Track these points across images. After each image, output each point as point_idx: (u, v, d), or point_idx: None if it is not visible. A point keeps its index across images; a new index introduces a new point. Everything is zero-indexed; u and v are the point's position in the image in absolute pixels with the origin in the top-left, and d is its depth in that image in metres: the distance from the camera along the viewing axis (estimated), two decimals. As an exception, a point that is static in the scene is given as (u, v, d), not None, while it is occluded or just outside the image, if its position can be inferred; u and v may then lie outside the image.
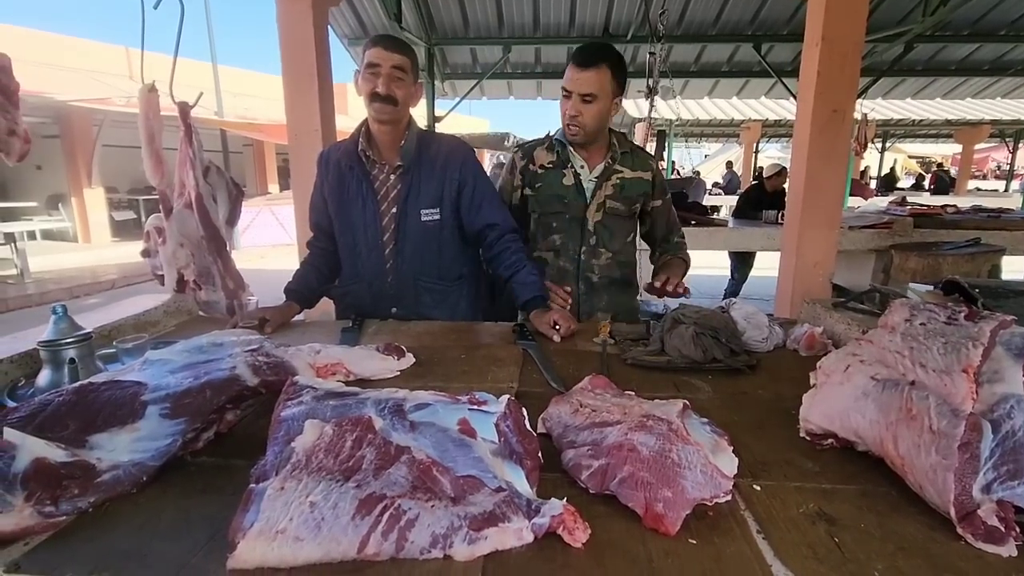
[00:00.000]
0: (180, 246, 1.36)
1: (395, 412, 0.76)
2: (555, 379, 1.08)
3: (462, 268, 1.61)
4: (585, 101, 1.52)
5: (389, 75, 1.38)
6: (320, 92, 2.74)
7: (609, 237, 1.68)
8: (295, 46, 2.69)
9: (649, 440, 0.73)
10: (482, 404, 0.82)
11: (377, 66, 1.38)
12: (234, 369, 0.89)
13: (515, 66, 6.03)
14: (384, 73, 1.38)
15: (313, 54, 2.67)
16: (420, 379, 1.09)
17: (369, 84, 1.39)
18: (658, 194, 1.71)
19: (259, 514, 0.58)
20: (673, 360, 1.16)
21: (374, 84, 1.38)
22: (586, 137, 1.58)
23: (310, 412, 0.73)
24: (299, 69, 2.72)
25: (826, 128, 2.62)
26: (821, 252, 2.77)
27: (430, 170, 1.50)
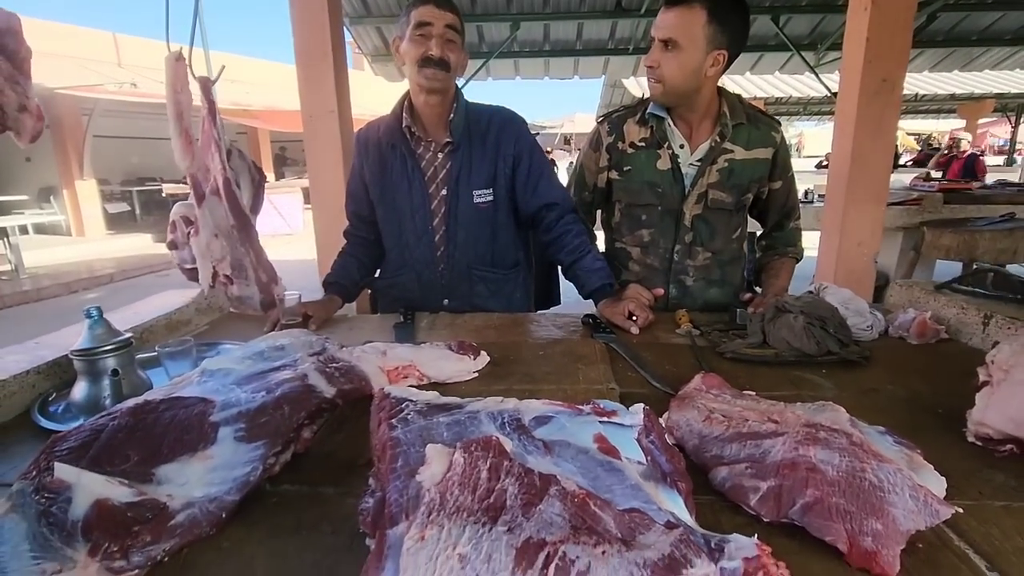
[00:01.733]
0: (215, 237, 1.22)
1: (518, 429, 0.64)
2: (656, 378, 0.96)
3: (517, 254, 1.48)
4: (666, 48, 1.22)
5: (442, 35, 1.22)
6: (335, 69, 2.56)
7: (709, 235, 1.38)
8: (308, 20, 2.51)
9: (831, 457, 0.61)
10: (611, 415, 0.69)
11: (428, 25, 1.22)
12: (306, 378, 0.76)
13: (522, 44, 5.81)
14: (437, 34, 1.22)
15: (327, 28, 2.49)
16: (502, 381, 0.97)
17: (419, 47, 1.23)
18: (779, 174, 1.38)
19: (399, 572, 0.45)
20: (781, 353, 1.04)
21: (426, 47, 1.22)
22: (667, 97, 1.27)
23: (423, 432, 0.61)
24: (312, 45, 2.54)
25: (875, 99, 2.47)
26: (867, 231, 2.64)
27: (481, 146, 1.35)
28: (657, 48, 1.24)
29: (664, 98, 1.29)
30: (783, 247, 1.46)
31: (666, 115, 1.33)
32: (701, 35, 1.21)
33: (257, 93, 11.07)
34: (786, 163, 1.39)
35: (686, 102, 1.29)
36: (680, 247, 1.40)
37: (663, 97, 1.28)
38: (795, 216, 1.47)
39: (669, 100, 1.29)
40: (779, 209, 1.44)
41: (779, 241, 1.48)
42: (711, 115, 1.33)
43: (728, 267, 1.45)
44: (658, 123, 1.34)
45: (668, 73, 1.24)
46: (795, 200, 1.45)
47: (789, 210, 1.45)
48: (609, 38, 5.75)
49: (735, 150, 1.33)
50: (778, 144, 1.36)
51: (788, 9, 5.02)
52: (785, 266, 1.44)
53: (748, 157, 1.33)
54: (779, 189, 1.41)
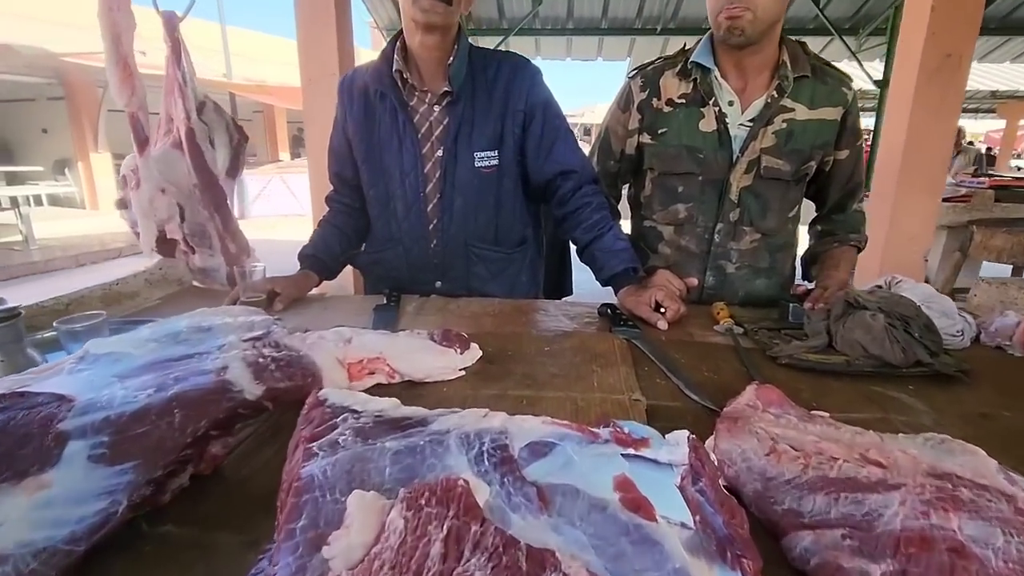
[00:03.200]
0: (160, 193, 1.02)
1: (502, 464, 0.43)
2: (692, 387, 0.74)
3: (525, 230, 1.26)
4: None
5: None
6: (339, 28, 2.36)
7: (760, 211, 1.14)
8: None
9: (987, 533, 0.39)
10: (639, 445, 0.48)
11: None
12: (224, 371, 0.56)
13: (544, 21, 5.54)
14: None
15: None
16: (495, 383, 0.76)
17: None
18: (846, 141, 1.13)
19: None
20: (854, 361, 0.81)
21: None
22: (756, 27, 0.99)
23: (355, 466, 0.40)
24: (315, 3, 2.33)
25: (936, 76, 2.20)
26: (919, 224, 2.39)
27: (487, 99, 1.13)
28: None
29: (753, 28, 1.00)
30: (844, 233, 1.21)
31: (713, 65, 1.09)
32: None
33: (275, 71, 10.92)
34: (856, 128, 1.13)
35: (760, 40, 1.03)
36: (723, 226, 1.16)
37: (752, 27, 1.00)
38: (860, 196, 1.22)
39: (756, 31, 1.00)
40: (842, 185, 1.19)
41: (839, 226, 1.23)
42: (770, 65, 1.08)
43: (779, 253, 1.21)
44: (703, 75, 1.10)
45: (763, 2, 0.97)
46: (861, 175, 1.20)
47: (854, 188, 1.19)
48: (636, 16, 5.45)
49: (796, 108, 1.08)
50: (849, 104, 1.10)
51: (831, -11, 4.69)
52: (846, 255, 1.20)
53: (812, 117, 1.08)
54: (845, 160, 1.15)
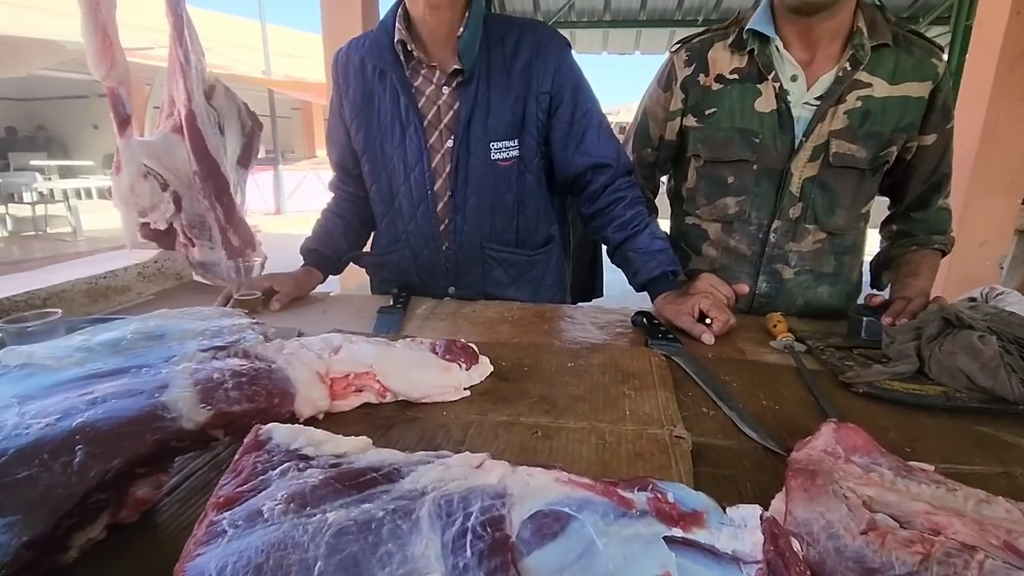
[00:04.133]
0: (143, 178, 0.94)
1: (491, 552, 0.30)
2: (750, 423, 0.60)
3: (550, 228, 1.12)
4: None
5: None
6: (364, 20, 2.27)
7: (828, 206, 0.98)
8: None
9: None
10: (690, 521, 0.34)
11: None
12: (161, 392, 0.45)
13: (580, 13, 5.37)
14: None
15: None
16: (505, 408, 0.63)
17: None
18: (934, 124, 0.95)
19: None
20: (953, 393, 0.65)
21: None
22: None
23: (269, 558, 0.27)
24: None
25: (1018, 64, 1.96)
26: (992, 228, 2.14)
27: (505, 78, 0.98)
28: None
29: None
30: (925, 235, 1.03)
31: (774, 34, 0.93)
32: None
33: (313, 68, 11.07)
34: (947, 109, 0.95)
35: (834, 3, 0.85)
36: (781, 223, 0.99)
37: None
38: (946, 190, 1.03)
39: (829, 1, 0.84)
40: (925, 177, 1.00)
41: (920, 226, 1.04)
42: (842, 33, 0.91)
43: (847, 257, 1.03)
44: (761, 45, 0.93)
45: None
46: (949, 166, 1.01)
47: (940, 180, 1.01)
48: (676, 8, 5.22)
49: (875, 83, 0.91)
50: (939, 79, 0.92)
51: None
52: (927, 261, 1.02)
53: (894, 94, 0.91)
54: (931, 146, 0.97)
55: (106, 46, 0.87)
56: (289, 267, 1.09)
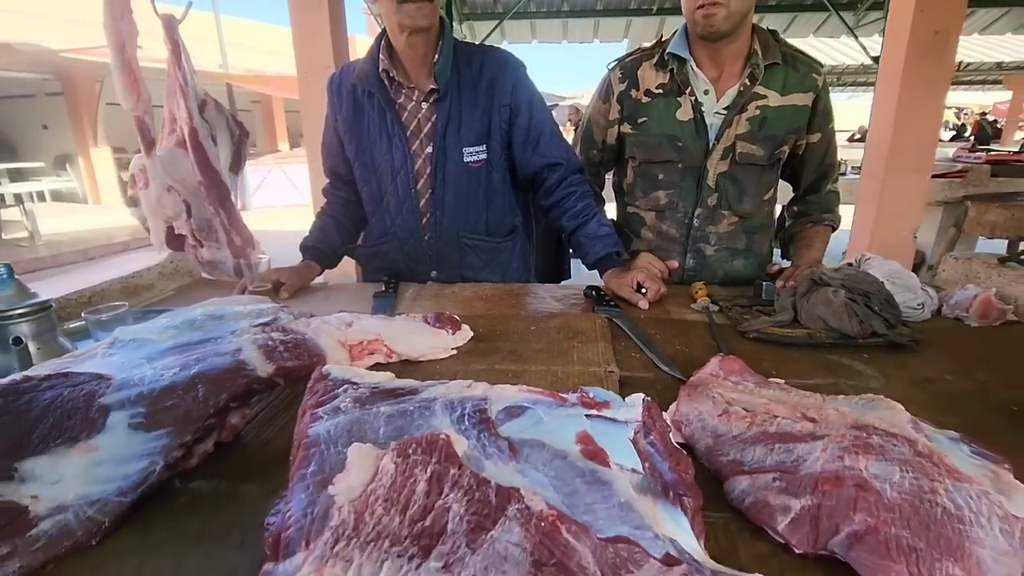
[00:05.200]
0: (167, 191, 1.09)
1: (480, 424, 0.50)
2: (664, 359, 0.81)
3: (515, 219, 1.32)
4: None
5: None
6: (332, 22, 2.39)
7: (737, 195, 1.20)
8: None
9: (887, 471, 0.46)
10: (602, 407, 0.55)
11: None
12: (239, 353, 0.63)
13: (539, 4, 5.52)
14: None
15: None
16: (484, 359, 0.83)
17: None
18: (818, 125, 1.18)
19: (280, 632, 0.32)
20: (814, 333, 0.88)
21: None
22: (731, 20, 1.04)
23: (354, 427, 0.47)
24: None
25: (926, 54, 2.23)
26: (907, 202, 2.43)
27: (473, 95, 1.18)
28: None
29: (728, 23, 1.05)
30: (818, 213, 1.27)
31: (688, 56, 1.14)
32: None
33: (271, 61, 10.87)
34: (827, 112, 1.18)
35: (733, 31, 1.07)
36: (702, 211, 1.21)
37: (727, 22, 1.05)
38: (833, 177, 1.27)
39: (730, 25, 1.06)
40: (815, 168, 1.24)
41: (813, 206, 1.28)
42: (742, 54, 1.13)
43: (756, 235, 1.27)
44: (679, 65, 1.15)
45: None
46: (834, 157, 1.25)
47: (827, 169, 1.25)
48: (632, -3, 5.42)
49: (769, 95, 1.13)
50: (819, 89, 1.15)
51: (827, -37, 4.64)
52: (820, 235, 1.26)
53: (784, 104, 1.14)
54: (817, 143, 1.20)
55: (132, 81, 1.01)
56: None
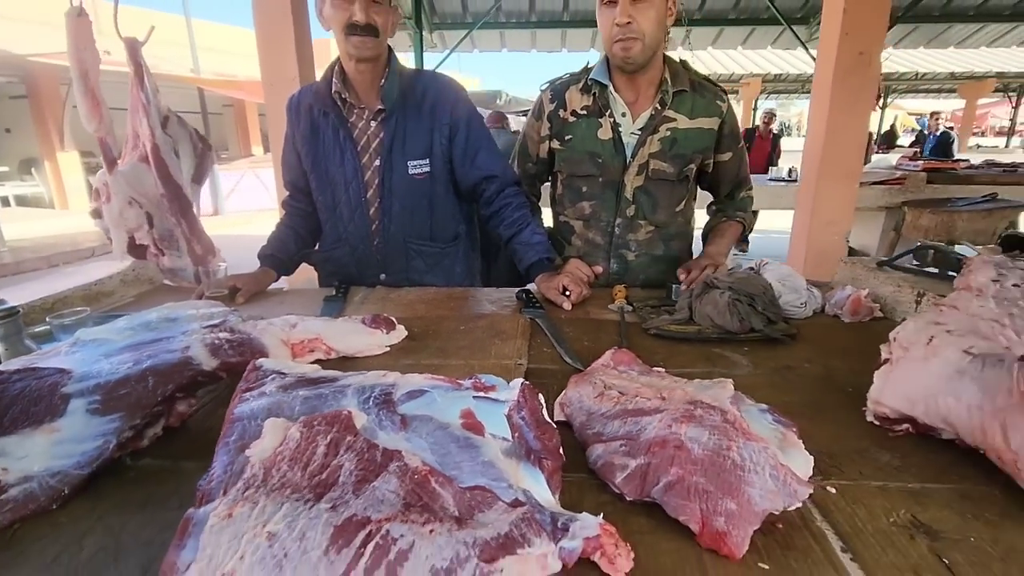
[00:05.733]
0: (129, 204, 1.18)
1: (383, 404, 0.61)
2: (570, 354, 0.93)
3: (457, 227, 1.44)
4: (638, 1, 1.13)
5: (365, 0, 1.17)
6: (296, 34, 2.48)
7: (651, 207, 1.33)
8: (266, -17, 2.42)
9: (700, 434, 0.58)
10: (489, 390, 0.67)
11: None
12: (187, 350, 0.73)
13: (508, 15, 5.66)
14: None
15: (287, -8, 2.40)
16: (412, 355, 0.94)
17: (343, 13, 1.17)
18: (727, 146, 1.33)
19: (199, 551, 0.43)
20: (704, 330, 1.01)
21: (349, 11, 1.17)
22: (646, 53, 1.16)
23: (274, 407, 0.58)
24: (272, 8, 2.45)
25: (850, 73, 2.41)
26: (838, 209, 2.61)
27: (416, 114, 1.30)
28: (625, 3, 1.15)
29: (643, 55, 1.18)
30: (732, 211, 1.44)
31: (608, 82, 1.27)
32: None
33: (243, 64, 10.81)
34: (734, 134, 1.34)
35: (648, 62, 1.21)
36: (622, 220, 1.35)
37: (642, 55, 1.17)
38: (747, 187, 1.44)
39: (646, 57, 1.18)
40: (731, 181, 1.41)
41: (729, 206, 1.45)
42: (655, 82, 1.27)
43: (673, 242, 1.41)
44: (601, 90, 1.29)
45: (647, 27, 1.15)
46: (746, 172, 1.42)
47: (740, 180, 1.41)
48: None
49: (678, 119, 1.27)
50: (724, 114, 1.30)
51: (779, -19, 4.89)
52: (730, 229, 1.42)
53: (692, 127, 1.28)
54: (729, 160, 1.36)
55: (95, 106, 1.10)
56: (234, 269, 1.36)
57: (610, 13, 1.17)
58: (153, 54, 1.43)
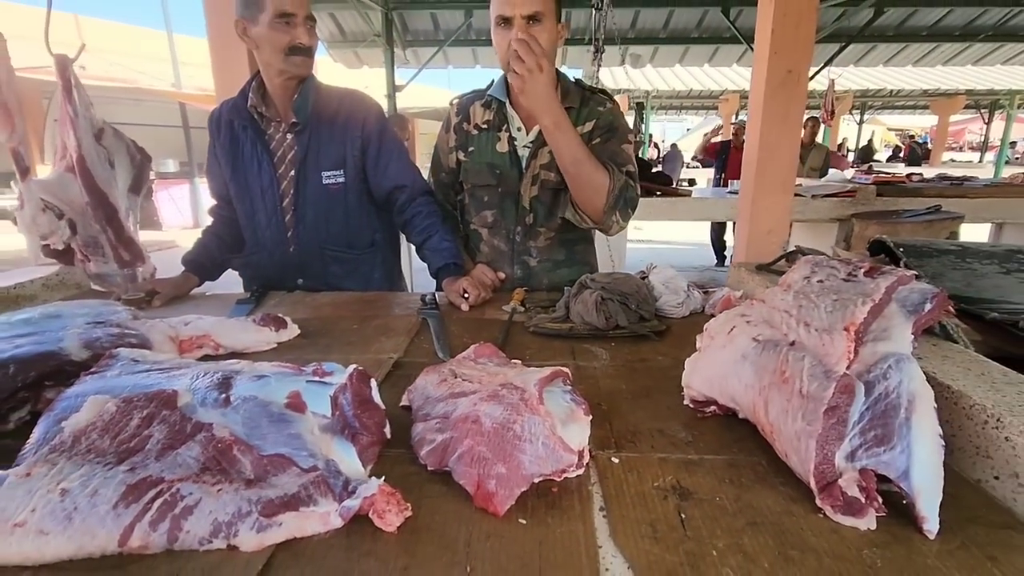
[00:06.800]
0: (42, 211, 1.24)
1: (216, 386, 0.67)
2: (443, 349, 1.00)
3: (374, 234, 1.51)
4: (533, 23, 1.20)
5: (305, 24, 1.27)
6: (250, 55, 2.56)
7: (546, 215, 1.39)
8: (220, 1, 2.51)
9: (495, 411, 0.65)
10: (326, 375, 0.73)
11: (292, 15, 1.25)
12: (59, 342, 0.79)
13: (479, 32, 5.81)
14: (300, 23, 1.26)
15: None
16: (297, 351, 1.01)
17: (284, 35, 1.25)
18: (597, 136, 1.32)
19: (-7, 506, 0.49)
20: (576, 327, 1.09)
21: (292, 36, 1.25)
22: (548, 75, 1.18)
23: (107, 387, 0.64)
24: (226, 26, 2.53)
25: (780, 89, 2.53)
26: (775, 219, 2.72)
27: (330, 128, 1.38)
28: (522, 26, 1.21)
29: (547, 76, 1.18)
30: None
31: (506, 98, 1.36)
32: (553, 8, 1.24)
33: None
34: (609, 125, 1.34)
35: None
36: (521, 228, 1.42)
37: (546, 75, 1.18)
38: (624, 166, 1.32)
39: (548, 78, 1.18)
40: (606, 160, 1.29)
41: None
42: None
43: (579, 247, 1.48)
44: (499, 106, 1.37)
45: (546, 49, 1.20)
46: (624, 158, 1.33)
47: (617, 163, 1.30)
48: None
49: None
50: (602, 114, 1.34)
51: (737, 2, 5.07)
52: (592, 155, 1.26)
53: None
54: (597, 144, 1.31)
55: (7, 117, 1.17)
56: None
57: (505, 34, 1.26)
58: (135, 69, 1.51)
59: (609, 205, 1.28)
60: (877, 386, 0.61)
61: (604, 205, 1.28)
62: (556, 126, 1.20)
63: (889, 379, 0.61)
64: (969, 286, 1.09)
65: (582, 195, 1.29)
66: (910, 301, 0.68)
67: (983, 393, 0.65)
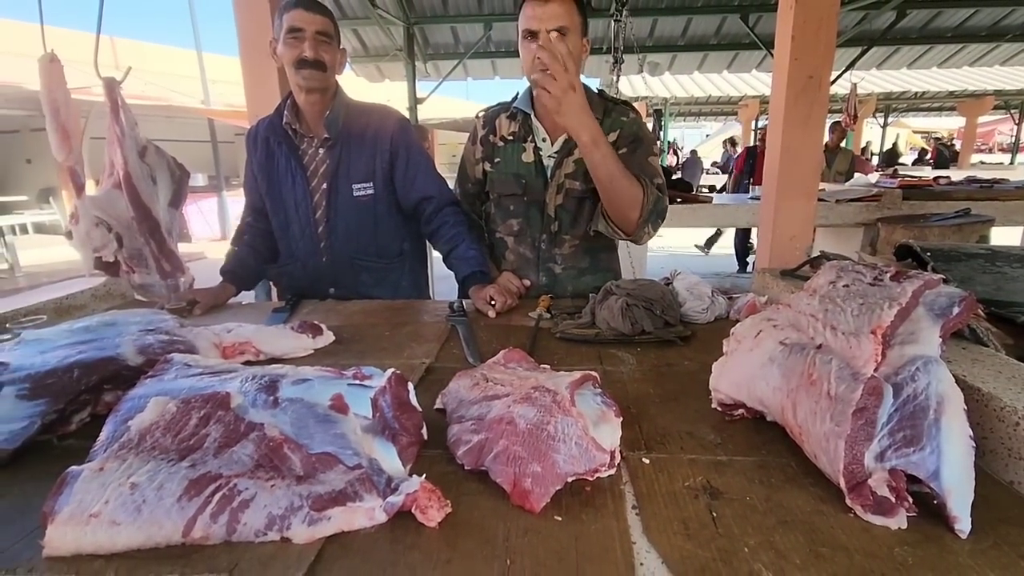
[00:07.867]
0: (95, 226, 1.31)
1: (264, 389, 0.71)
2: (473, 354, 1.03)
3: (402, 244, 1.55)
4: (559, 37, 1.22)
5: (314, 39, 1.32)
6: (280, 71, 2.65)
7: (571, 223, 1.43)
8: (251, 20, 2.61)
9: (529, 412, 0.68)
10: (365, 379, 0.77)
11: (300, 30, 1.32)
12: (116, 348, 0.84)
13: (498, 44, 5.90)
14: (309, 37, 1.32)
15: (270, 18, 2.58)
16: (333, 356, 1.05)
17: (294, 50, 1.32)
18: (622, 145, 1.34)
19: (71, 497, 0.53)
20: (602, 333, 1.11)
21: (299, 49, 1.32)
22: None
23: (165, 389, 0.69)
24: (257, 44, 2.63)
25: (802, 95, 2.53)
26: (798, 224, 2.69)
27: (360, 142, 1.43)
28: (546, 37, 1.23)
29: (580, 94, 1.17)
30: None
31: (531, 110, 1.40)
32: (578, 23, 1.28)
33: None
34: (635, 135, 1.36)
35: None
36: (547, 236, 1.45)
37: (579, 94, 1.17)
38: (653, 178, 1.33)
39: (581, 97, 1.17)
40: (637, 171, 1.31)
41: None
42: None
43: (603, 254, 1.50)
44: (524, 117, 1.41)
45: None
46: (652, 170, 1.35)
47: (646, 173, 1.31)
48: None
49: None
50: (625, 124, 1.37)
51: (756, 8, 5.06)
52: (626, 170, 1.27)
53: None
54: (623, 154, 1.31)
55: (65, 139, 1.24)
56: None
57: (530, 46, 1.29)
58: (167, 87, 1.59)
59: (643, 219, 1.30)
60: (905, 388, 0.62)
61: (639, 219, 1.30)
62: (594, 143, 1.20)
63: (917, 381, 0.62)
64: (1000, 290, 1.08)
65: (617, 209, 1.31)
66: (938, 304, 0.69)
67: (1014, 395, 0.65)
